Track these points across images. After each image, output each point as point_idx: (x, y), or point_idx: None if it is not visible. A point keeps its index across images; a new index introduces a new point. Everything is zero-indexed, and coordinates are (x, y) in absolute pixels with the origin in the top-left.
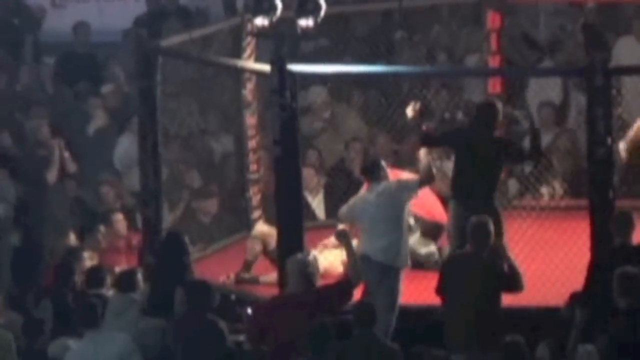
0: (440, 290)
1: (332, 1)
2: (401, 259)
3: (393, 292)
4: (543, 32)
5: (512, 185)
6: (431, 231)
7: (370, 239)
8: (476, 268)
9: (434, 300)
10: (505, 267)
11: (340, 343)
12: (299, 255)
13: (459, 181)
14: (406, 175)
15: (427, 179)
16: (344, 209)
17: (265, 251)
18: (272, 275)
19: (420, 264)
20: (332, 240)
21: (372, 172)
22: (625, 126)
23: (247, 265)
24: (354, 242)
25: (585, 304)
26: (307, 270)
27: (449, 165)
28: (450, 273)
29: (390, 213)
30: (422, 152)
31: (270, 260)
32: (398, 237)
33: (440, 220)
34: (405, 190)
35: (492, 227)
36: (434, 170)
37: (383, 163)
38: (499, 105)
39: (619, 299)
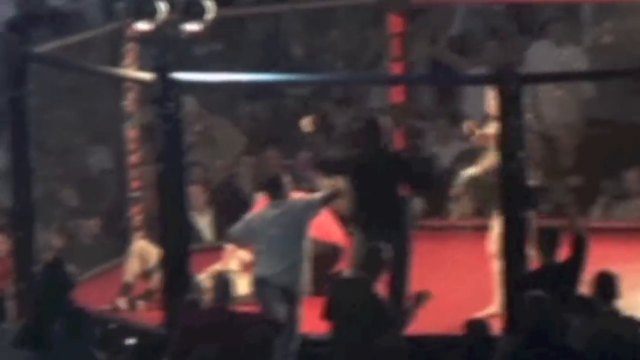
0: (327, 315)
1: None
2: (302, 283)
3: (293, 319)
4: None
5: (417, 203)
6: (328, 254)
7: (269, 261)
8: (363, 296)
9: None
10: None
11: None
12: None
13: (359, 209)
14: (302, 194)
15: (331, 196)
16: (237, 227)
17: (143, 270)
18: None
19: None
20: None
21: (274, 188)
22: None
23: (126, 288)
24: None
25: (512, 330)
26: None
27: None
28: (337, 298)
29: (292, 233)
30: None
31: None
32: (299, 259)
33: (338, 242)
34: (309, 208)
35: (385, 255)
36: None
37: (285, 179)
38: (381, 121)
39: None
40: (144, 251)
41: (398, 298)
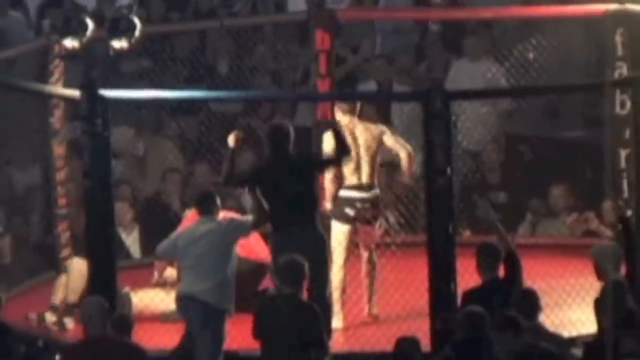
0: (256, 334)
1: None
2: (228, 301)
3: (218, 336)
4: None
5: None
6: (254, 272)
7: (195, 278)
8: (291, 310)
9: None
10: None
11: None
12: (97, 298)
13: (277, 213)
14: (231, 214)
15: (260, 220)
16: (164, 244)
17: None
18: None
19: None
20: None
21: (206, 204)
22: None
23: (68, 308)
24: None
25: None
26: (107, 313)
27: None
28: (264, 315)
29: (219, 252)
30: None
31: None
32: (225, 277)
33: (264, 259)
34: (238, 230)
35: (306, 266)
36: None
37: (217, 196)
38: (286, 126)
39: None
40: (83, 268)
41: (321, 305)
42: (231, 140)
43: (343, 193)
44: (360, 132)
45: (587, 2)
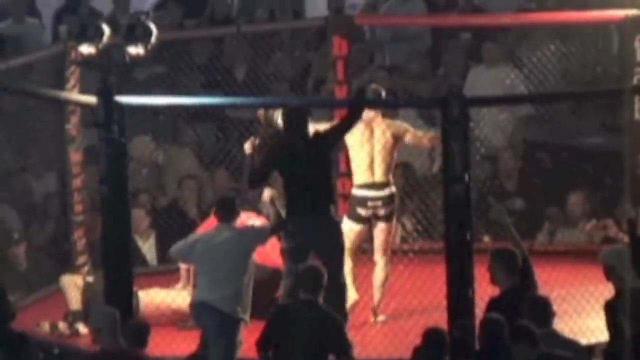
0: (262, 344)
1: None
2: (243, 310)
3: (232, 345)
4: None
5: None
6: (271, 279)
7: (211, 285)
8: (312, 317)
9: None
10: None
11: None
12: (108, 308)
13: (294, 198)
14: (254, 218)
15: (278, 227)
16: (180, 245)
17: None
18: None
19: None
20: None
21: (226, 210)
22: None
23: (73, 316)
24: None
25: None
26: (118, 323)
27: None
28: (278, 324)
29: (236, 260)
30: (267, 196)
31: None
32: (242, 286)
33: (281, 266)
34: (257, 238)
35: (324, 273)
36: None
37: (237, 203)
38: (304, 107)
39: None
40: (75, 280)
41: (336, 294)
42: (248, 147)
43: (355, 192)
44: (381, 130)
45: (606, 8)
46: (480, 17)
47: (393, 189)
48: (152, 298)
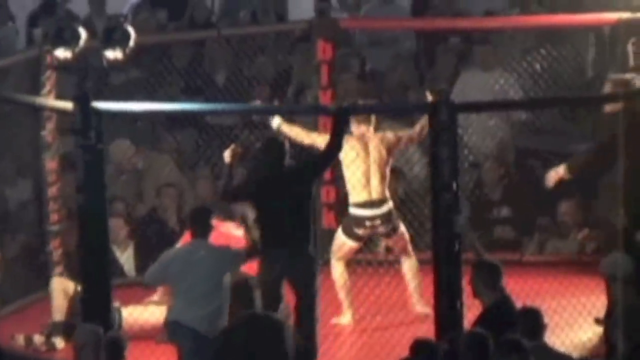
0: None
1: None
2: (219, 329)
3: None
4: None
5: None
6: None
7: (186, 305)
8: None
9: None
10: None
11: None
12: (92, 325)
13: (269, 232)
14: (234, 228)
15: (253, 252)
16: (153, 270)
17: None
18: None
19: None
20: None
21: (200, 224)
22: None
23: (55, 328)
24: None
25: None
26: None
27: None
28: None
29: (212, 280)
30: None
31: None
32: (218, 306)
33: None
34: (232, 263)
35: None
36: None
37: (210, 215)
38: (281, 139)
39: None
40: (66, 287)
41: (308, 330)
42: (227, 155)
43: (352, 211)
44: (374, 145)
45: (598, 11)
46: (469, 21)
47: (390, 204)
48: (136, 319)
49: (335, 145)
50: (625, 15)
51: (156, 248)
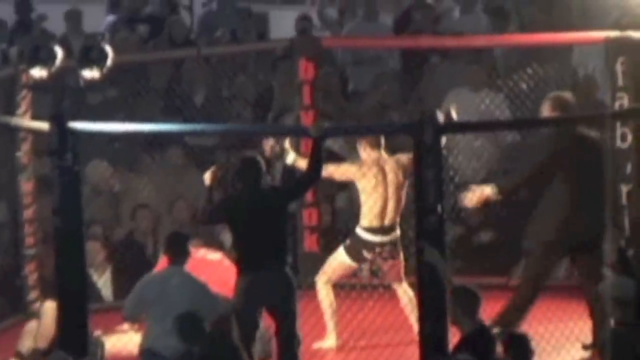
0: None
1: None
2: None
3: None
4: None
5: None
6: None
7: (162, 333)
8: None
9: None
10: None
11: None
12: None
13: (245, 254)
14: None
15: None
16: (130, 304)
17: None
18: None
19: None
20: (124, 326)
21: (176, 250)
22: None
23: (35, 354)
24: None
25: None
26: None
27: None
28: None
29: (188, 309)
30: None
31: None
32: None
33: None
34: (212, 306)
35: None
36: None
37: (187, 240)
38: (258, 159)
39: None
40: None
41: (290, 355)
42: (207, 177)
43: (362, 234)
44: (390, 168)
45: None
46: (453, 39)
47: (398, 232)
48: (120, 350)
49: (314, 170)
50: (614, 33)
51: (134, 272)
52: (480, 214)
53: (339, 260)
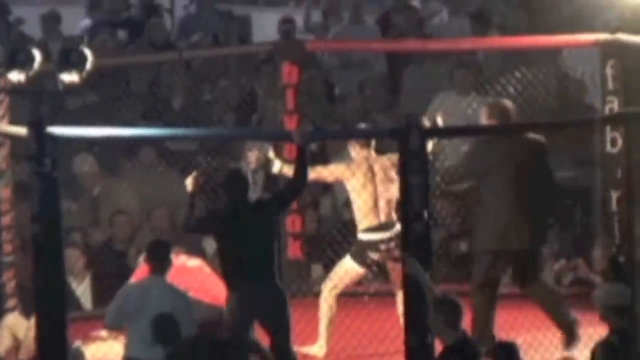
0: None
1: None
2: None
3: None
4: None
5: (316, 269)
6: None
7: (142, 344)
8: None
9: None
10: None
11: None
12: None
13: (233, 269)
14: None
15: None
16: (112, 313)
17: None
18: None
19: None
20: (102, 333)
21: (158, 259)
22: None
23: None
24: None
25: None
26: None
27: None
28: None
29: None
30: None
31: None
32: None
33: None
34: (193, 314)
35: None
36: None
37: (169, 248)
38: (243, 171)
39: None
40: (14, 325)
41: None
42: (189, 183)
43: (363, 236)
44: (380, 167)
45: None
46: (439, 42)
47: (399, 226)
48: (94, 353)
49: (300, 177)
50: (603, 36)
51: (114, 280)
52: (458, 221)
53: (345, 267)
